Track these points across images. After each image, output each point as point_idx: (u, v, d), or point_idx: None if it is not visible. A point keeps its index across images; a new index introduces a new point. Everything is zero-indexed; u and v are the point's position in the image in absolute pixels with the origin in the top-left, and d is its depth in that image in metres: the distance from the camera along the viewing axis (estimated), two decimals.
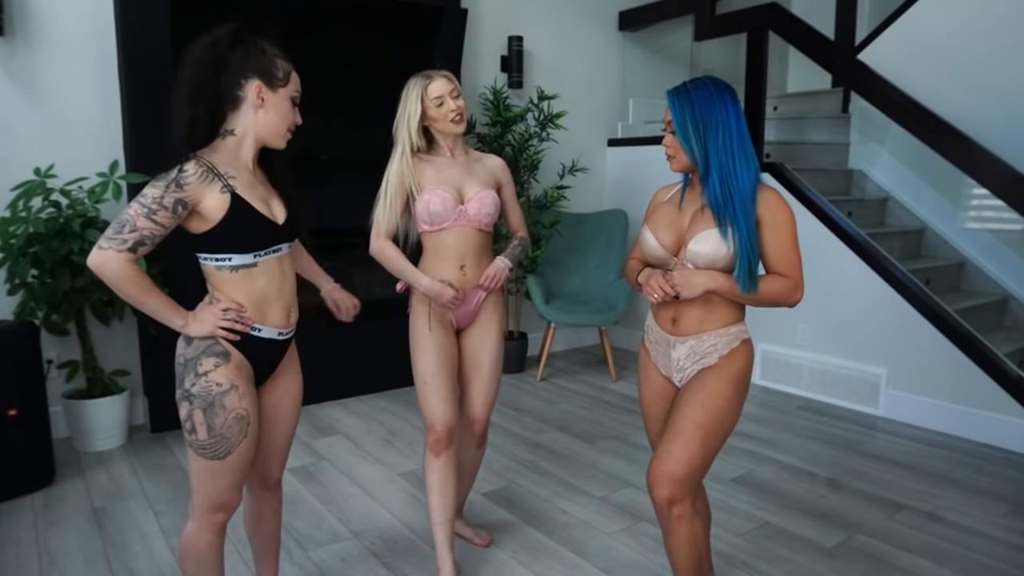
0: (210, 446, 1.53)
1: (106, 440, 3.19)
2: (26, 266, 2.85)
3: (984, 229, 4.09)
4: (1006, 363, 3.25)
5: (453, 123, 2.05)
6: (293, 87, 1.59)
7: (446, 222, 2.05)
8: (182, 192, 1.45)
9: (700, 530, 1.68)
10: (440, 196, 2.02)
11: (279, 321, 1.63)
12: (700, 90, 1.61)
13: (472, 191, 2.08)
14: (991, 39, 3.85)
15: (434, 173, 2.06)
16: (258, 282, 1.57)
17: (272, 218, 1.58)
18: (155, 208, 1.43)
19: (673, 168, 1.69)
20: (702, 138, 1.59)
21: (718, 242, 1.59)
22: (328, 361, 3.84)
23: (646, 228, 1.73)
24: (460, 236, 2.08)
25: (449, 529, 2.10)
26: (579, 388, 4.18)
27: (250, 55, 1.52)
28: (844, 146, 4.66)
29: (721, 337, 1.67)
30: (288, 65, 1.58)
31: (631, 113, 5.28)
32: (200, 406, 1.51)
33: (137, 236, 1.42)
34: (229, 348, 1.55)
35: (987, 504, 2.70)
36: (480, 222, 2.09)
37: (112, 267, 1.41)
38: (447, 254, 2.08)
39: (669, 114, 1.64)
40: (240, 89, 1.52)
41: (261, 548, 1.89)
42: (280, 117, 1.58)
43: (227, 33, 1.51)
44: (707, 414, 1.63)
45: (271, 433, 1.74)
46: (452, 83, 2.06)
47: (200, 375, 1.52)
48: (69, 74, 3.23)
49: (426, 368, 2.07)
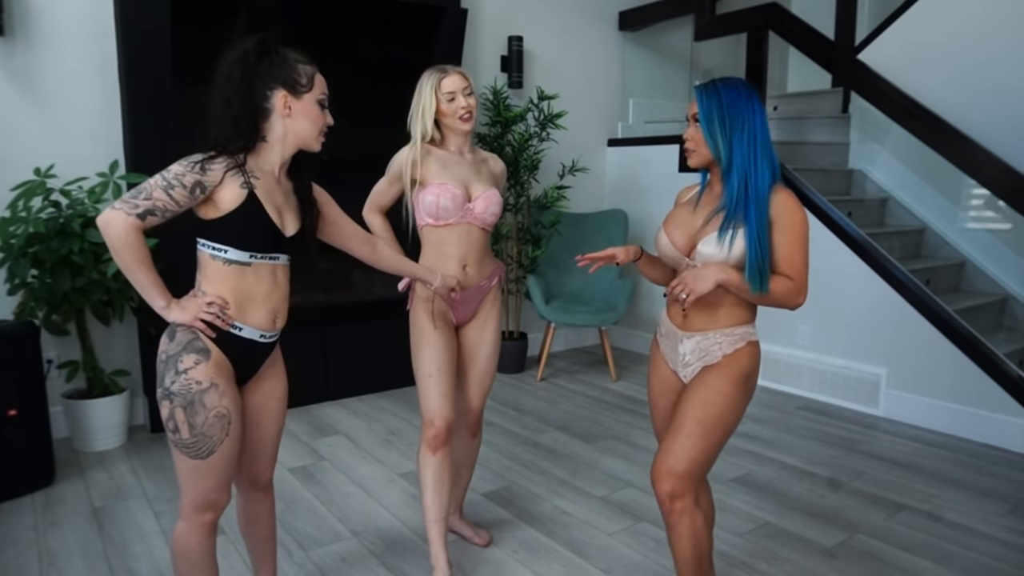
0: (193, 445, 1.53)
1: (106, 440, 3.19)
2: (26, 266, 2.85)
3: (984, 229, 4.09)
4: (1006, 363, 3.25)
5: (461, 120, 2.05)
6: (319, 90, 1.61)
7: (452, 218, 2.05)
8: (204, 175, 1.48)
9: (702, 525, 1.69)
10: (450, 191, 2.03)
11: (263, 323, 1.63)
12: (729, 88, 1.63)
13: (479, 190, 2.09)
14: (991, 39, 3.84)
15: (441, 168, 2.06)
16: (247, 281, 1.58)
17: (280, 227, 1.59)
18: (175, 183, 1.47)
19: (692, 163, 1.69)
20: (727, 135, 1.61)
21: (722, 246, 1.60)
22: (328, 361, 3.84)
23: (662, 230, 1.76)
24: (464, 234, 2.09)
25: (443, 527, 2.11)
26: (579, 388, 4.18)
27: (273, 65, 1.55)
28: (844, 146, 4.66)
29: (727, 336, 1.69)
30: (311, 68, 1.60)
31: (631, 113, 5.28)
32: (180, 404, 1.51)
33: (149, 204, 1.46)
34: (210, 346, 1.55)
35: (987, 504, 2.70)
36: (485, 221, 2.10)
37: (117, 227, 1.44)
38: (450, 251, 2.09)
39: (695, 107, 1.64)
40: (267, 101, 1.55)
41: (257, 548, 1.89)
42: (310, 122, 1.60)
43: (253, 47, 1.54)
44: (708, 411, 1.65)
45: (257, 434, 1.74)
46: (466, 80, 2.07)
47: (180, 372, 1.52)
48: (69, 74, 3.24)
49: (429, 363, 2.07)
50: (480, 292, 2.17)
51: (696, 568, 1.70)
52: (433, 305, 2.10)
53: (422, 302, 2.11)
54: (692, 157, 1.68)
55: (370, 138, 1.64)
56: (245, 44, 1.54)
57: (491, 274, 2.20)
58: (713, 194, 1.72)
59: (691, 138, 1.66)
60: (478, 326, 2.20)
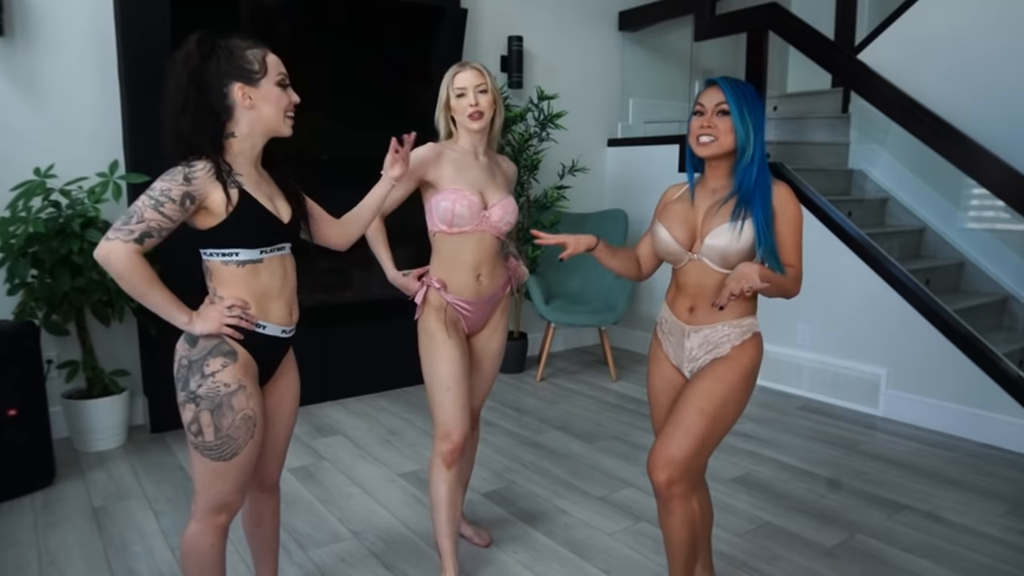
0: (217, 447, 1.52)
1: (106, 440, 3.19)
2: (26, 266, 2.85)
3: (984, 229, 4.09)
4: (1006, 363, 3.25)
5: (470, 119, 1.97)
6: (275, 71, 1.55)
7: (467, 226, 1.98)
8: (190, 186, 1.46)
9: (697, 510, 1.71)
10: (467, 199, 1.96)
11: (282, 318, 1.63)
12: (747, 84, 1.70)
13: (495, 197, 2.02)
14: (991, 39, 3.85)
15: (455, 172, 1.99)
16: (262, 278, 1.57)
17: (277, 215, 1.59)
18: (163, 200, 1.44)
19: (706, 153, 1.70)
20: (755, 126, 1.66)
21: (734, 235, 1.65)
22: (328, 361, 3.84)
23: (659, 224, 1.77)
24: (479, 242, 2.01)
25: (456, 540, 2.09)
26: (579, 388, 4.18)
27: (221, 61, 1.51)
28: (844, 146, 4.66)
29: (735, 328, 1.71)
30: (261, 51, 1.55)
31: (631, 113, 5.28)
32: (208, 407, 1.50)
33: (144, 227, 1.43)
34: (236, 347, 1.55)
35: (987, 504, 2.70)
36: (499, 229, 2.03)
37: (118, 257, 1.41)
38: (465, 260, 2.02)
39: (717, 97, 1.67)
40: (226, 98, 1.52)
41: (260, 549, 1.89)
42: (273, 106, 1.55)
43: (195, 47, 1.50)
44: (712, 401, 1.67)
45: (271, 433, 1.74)
46: (481, 77, 1.98)
47: (207, 376, 1.51)
48: (69, 74, 3.23)
49: (448, 376, 1.99)
50: (493, 301, 2.12)
51: (690, 552, 1.72)
52: (446, 314, 2.03)
53: (434, 311, 2.04)
54: (709, 147, 1.68)
55: (370, 138, 1.63)
56: (187, 46, 1.50)
57: (504, 282, 2.14)
58: (708, 189, 1.76)
59: (714, 127, 1.67)
60: (487, 336, 2.16)
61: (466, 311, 2.06)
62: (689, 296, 1.76)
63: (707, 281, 1.72)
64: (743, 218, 1.65)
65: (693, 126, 1.70)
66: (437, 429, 2.02)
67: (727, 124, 1.66)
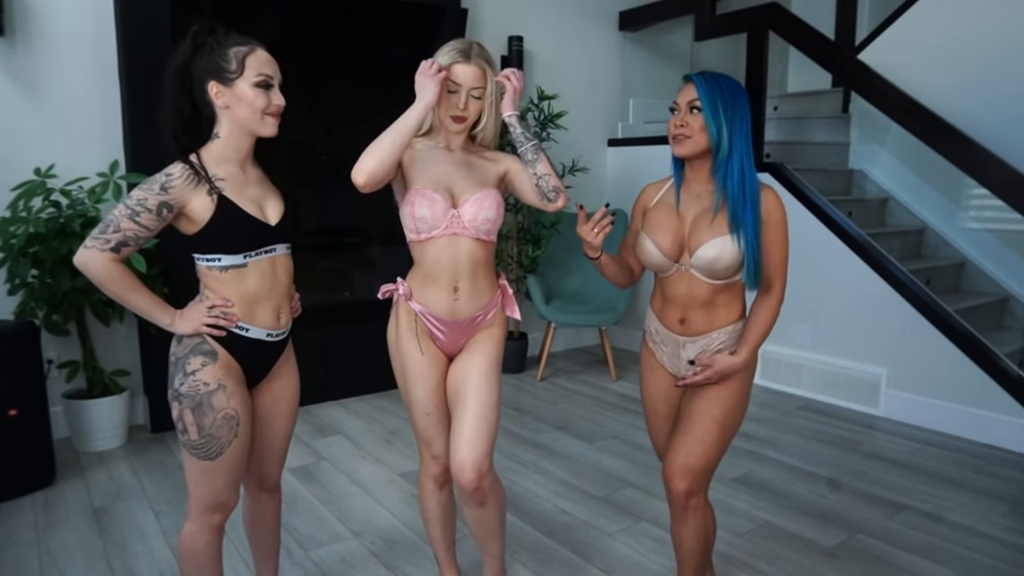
0: (201, 446, 1.53)
1: (106, 440, 3.19)
2: (26, 266, 2.85)
3: (984, 229, 4.09)
4: (1006, 363, 3.24)
5: (452, 119, 1.72)
6: (254, 71, 1.49)
7: (435, 230, 1.70)
8: (166, 195, 1.46)
9: (712, 520, 1.72)
10: (428, 198, 1.68)
11: (268, 322, 1.62)
12: (726, 79, 1.61)
13: (468, 192, 1.71)
14: (991, 39, 3.84)
15: (422, 169, 1.73)
16: (249, 282, 1.57)
17: (263, 219, 1.57)
18: (139, 210, 1.45)
19: (682, 152, 1.63)
20: (730, 123, 1.57)
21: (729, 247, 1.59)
22: (328, 361, 3.84)
23: (644, 235, 1.70)
24: (452, 248, 1.72)
25: (453, 549, 2.06)
26: (579, 388, 4.18)
27: (203, 57, 1.49)
28: (844, 146, 4.66)
29: (730, 334, 1.70)
30: (245, 49, 1.49)
31: (631, 113, 5.28)
32: (189, 405, 1.52)
33: (120, 237, 1.45)
34: (217, 347, 1.55)
35: (987, 504, 2.70)
36: (477, 230, 1.72)
37: (96, 266, 1.46)
38: (437, 272, 1.73)
39: (690, 94, 1.60)
40: (205, 96, 1.51)
41: (260, 549, 1.89)
42: (246, 107, 1.50)
43: (189, 40, 1.50)
44: (722, 407, 1.67)
45: (267, 435, 1.74)
46: (481, 80, 1.71)
47: (188, 374, 1.52)
48: (69, 74, 3.23)
49: (426, 398, 1.80)
50: (473, 327, 1.80)
51: (703, 562, 1.72)
52: (417, 326, 1.78)
53: (405, 319, 1.79)
54: (684, 145, 1.62)
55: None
56: (186, 38, 1.49)
57: (488, 304, 1.81)
58: (692, 193, 1.68)
59: (686, 125, 1.60)
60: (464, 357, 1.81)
61: (438, 330, 1.78)
62: (679, 307, 1.70)
63: (697, 292, 1.66)
64: (739, 230, 1.57)
65: (669, 125, 1.64)
66: (422, 450, 1.88)
67: (700, 121, 1.58)
